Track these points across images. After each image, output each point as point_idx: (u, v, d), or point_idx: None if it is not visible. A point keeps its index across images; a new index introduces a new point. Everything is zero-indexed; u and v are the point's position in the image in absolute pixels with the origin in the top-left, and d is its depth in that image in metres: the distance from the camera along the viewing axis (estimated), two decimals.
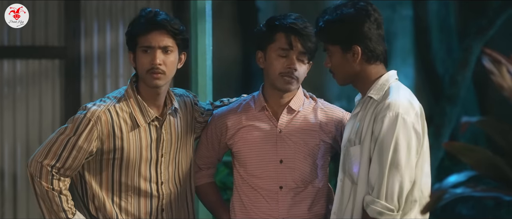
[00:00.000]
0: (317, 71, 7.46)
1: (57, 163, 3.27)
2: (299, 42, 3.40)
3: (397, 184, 2.98)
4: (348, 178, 3.12)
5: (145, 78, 3.32)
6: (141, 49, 3.31)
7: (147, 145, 3.36)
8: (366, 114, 3.10)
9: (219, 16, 6.83)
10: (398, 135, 2.99)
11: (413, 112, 3.05)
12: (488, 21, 7.34)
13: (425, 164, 3.09)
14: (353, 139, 3.12)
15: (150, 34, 3.29)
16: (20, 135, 6.22)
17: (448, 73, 7.65)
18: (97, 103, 3.35)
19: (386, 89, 3.10)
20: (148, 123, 3.36)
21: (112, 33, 6.31)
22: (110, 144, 3.31)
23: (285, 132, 3.45)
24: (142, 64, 3.31)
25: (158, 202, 3.42)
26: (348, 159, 3.13)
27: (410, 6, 7.69)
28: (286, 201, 3.44)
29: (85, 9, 6.26)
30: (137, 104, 3.35)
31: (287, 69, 3.40)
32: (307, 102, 3.54)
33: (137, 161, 3.35)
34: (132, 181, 3.37)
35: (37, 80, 6.21)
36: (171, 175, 3.44)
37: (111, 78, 6.30)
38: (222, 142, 3.53)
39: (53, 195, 3.28)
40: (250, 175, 3.46)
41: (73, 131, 3.28)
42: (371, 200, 3.01)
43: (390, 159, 2.98)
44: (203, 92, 4.58)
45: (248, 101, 3.55)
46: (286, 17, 3.43)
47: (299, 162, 3.44)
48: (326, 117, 3.52)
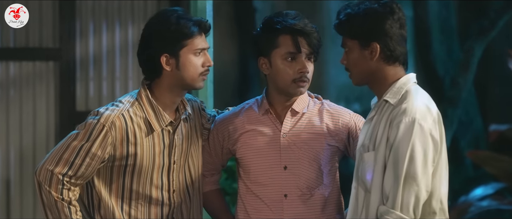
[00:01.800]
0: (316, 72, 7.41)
1: (69, 171, 3.18)
2: (306, 43, 3.26)
3: (413, 194, 2.87)
4: (361, 186, 3.01)
5: (196, 81, 3.29)
6: (193, 52, 3.26)
7: (160, 151, 3.29)
8: (381, 118, 2.99)
9: (216, 17, 6.76)
10: (414, 142, 2.87)
11: (430, 117, 2.93)
12: (489, 22, 7.29)
13: (443, 173, 2.97)
14: (367, 144, 3.02)
15: (202, 36, 3.30)
16: (14, 139, 6.20)
17: (449, 75, 7.61)
18: (110, 108, 3.26)
19: (403, 93, 2.99)
20: (161, 128, 3.28)
21: (108, 34, 6.29)
22: (124, 150, 3.23)
23: (289, 136, 3.33)
24: (195, 67, 3.27)
25: (169, 211, 3.33)
26: (361, 165, 3.03)
27: (411, 7, 7.64)
28: (292, 210, 3.31)
29: (81, 10, 6.26)
30: (152, 109, 3.28)
31: (299, 74, 3.27)
32: (312, 103, 3.41)
33: (150, 168, 3.28)
34: (143, 188, 3.29)
35: (31, 82, 6.22)
36: (182, 183, 3.37)
37: (107, 81, 6.29)
38: (225, 147, 3.42)
39: (62, 206, 3.19)
40: (253, 182, 3.34)
41: (86, 137, 3.19)
42: (385, 210, 2.90)
43: (406, 167, 2.87)
44: (204, 96, 4.48)
45: (251, 105, 3.43)
46: (285, 17, 3.28)
47: (304, 167, 3.32)
48: (332, 119, 3.38)
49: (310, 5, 7.01)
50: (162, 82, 3.29)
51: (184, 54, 3.26)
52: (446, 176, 3.00)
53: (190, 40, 3.25)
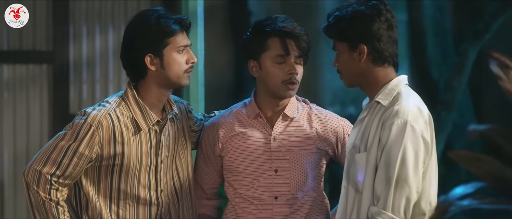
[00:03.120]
0: (311, 76, 7.40)
1: (57, 171, 3.18)
2: (295, 45, 3.29)
3: (404, 195, 2.88)
4: (352, 186, 3.02)
5: (181, 78, 3.29)
6: (176, 50, 3.27)
7: (147, 151, 3.30)
8: (373, 119, 3.00)
9: (210, 20, 6.76)
10: (406, 143, 2.88)
11: (422, 119, 2.95)
12: (484, 25, 7.28)
13: (433, 175, 2.98)
14: (358, 145, 3.02)
15: (183, 33, 3.31)
16: (7, 142, 6.21)
17: (444, 78, 7.60)
18: (97, 108, 3.27)
19: (395, 95, 3.00)
20: (148, 127, 3.29)
21: (102, 37, 6.29)
22: (111, 149, 3.24)
23: (279, 140, 3.34)
24: (179, 65, 3.28)
25: (157, 211, 3.34)
26: (353, 166, 3.03)
27: (405, 10, 7.63)
28: (281, 212, 3.33)
29: (74, 13, 6.24)
30: (138, 108, 3.29)
31: (288, 76, 3.28)
32: (300, 107, 3.43)
33: (137, 167, 3.28)
34: (131, 188, 3.29)
35: (25, 85, 6.22)
36: (169, 183, 3.37)
37: (101, 84, 6.29)
38: (216, 152, 3.41)
39: (50, 206, 3.19)
40: (243, 186, 3.35)
41: (73, 137, 3.20)
42: (377, 211, 2.90)
43: (398, 169, 2.88)
44: (195, 99, 4.48)
45: (239, 109, 3.43)
46: (274, 20, 3.31)
47: (295, 171, 3.34)
48: (321, 123, 3.40)
49: (305, 8, 7.01)
50: (147, 83, 3.30)
51: (168, 52, 3.26)
52: (435, 177, 3.01)
53: (173, 38, 3.27)
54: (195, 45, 4.50)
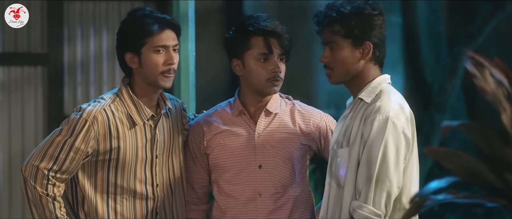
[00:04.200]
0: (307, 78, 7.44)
1: (54, 166, 3.22)
2: (278, 43, 3.33)
3: (385, 189, 2.92)
4: (335, 181, 3.06)
5: (157, 79, 3.27)
6: (153, 49, 3.26)
7: (143, 145, 3.33)
8: (356, 116, 3.04)
9: (206, 24, 6.79)
10: (387, 139, 2.93)
11: (403, 116, 2.99)
12: (477, 28, 7.32)
13: (414, 171, 3.03)
14: (341, 140, 3.06)
15: (164, 33, 3.27)
16: (2, 143, 6.23)
17: (437, 81, 7.63)
18: (92, 104, 3.31)
19: (377, 92, 3.04)
20: (143, 122, 3.32)
21: (96, 39, 6.31)
22: (107, 144, 3.27)
23: (263, 136, 3.39)
24: (155, 65, 3.26)
25: (153, 205, 3.37)
26: (335, 161, 3.07)
27: (399, 14, 7.66)
28: (266, 208, 3.37)
29: (68, 15, 6.25)
30: (133, 103, 3.32)
31: (272, 74, 3.32)
32: (283, 104, 3.47)
33: (133, 162, 3.31)
34: (128, 183, 3.32)
35: (20, 87, 6.24)
36: (165, 178, 3.40)
37: (95, 86, 6.31)
38: (202, 149, 3.45)
39: (47, 201, 3.22)
40: (227, 182, 3.39)
41: (69, 133, 3.24)
42: (358, 205, 2.95)
43: (379, 164, 2.92)
44: (186, 98, 4.53)
45: (223, 107, 3.48)
46: (256, 20, 3.34)
47: (279, 166, 3.38)
48: (304, 119, 3.45)
49: (301, 10, 7.04)
50: (136, 79, 3.34)
51: (145, 51, 3.27)
52: (417, 174, 3.05)
53: (150, 38, 3.25)
54: (186, 46, 4.55)
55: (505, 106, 2.17)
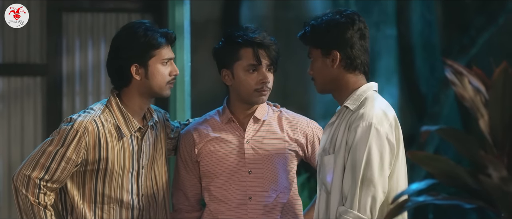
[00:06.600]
0: (303, 89, 7.49)
1: (46, 175, 3.27)
2: (266, 55, 3.41)
3: (370, 194, 2.98)
4: (322, 188, 3.13)
5: (163, 89, 3.42)
6: (161, 61, 3.39)
7: (130, 156, 3.40)
8: (341, 123, 3.10)
9: (202, 35, 6.84)
10: (370, 145, 2.98)
11: (387, 122, 3.04)
12: (470, 40, 7.37)
13: (400, 175, 3.08)
14: (327, 148, 3.13)
15: (168, 47, 3.43)
16: (2, 152, 6.24)
17: (432, 92, 7.67)
18: (82, 114, 3.37)
19: (362, 100, 3.10)
20: (131, 133, 3.39)
21: (94, 50, 6.33)
22: (96, 154, 3.34)
23: (252, 142, 3.47)
24: (163, 76, 3.40)
25: (138, 214, 3.45)
26: (322, 168, 3.14)
27: (394, 26, 7.71)
28: (256, 212, 3.44)
29: (67, 26, 6.27)
30: (121, 115, 3.40)
31: (261, 84, 3.41)
32: (271, 111, 3.55)
33: (120, 172, 3.38)
34: (115, 192, 3.39)
35: (19, 97, 6.24)
36: (149, 188, 3.48)
37: (93, 96, 6.32)
38: (193, 157, 3.52)
39: (38, 210, 3.28)
40: (218, 188, 3.47)
41: (60, 143, 3.29)
42: (344, 210, 3.00)
43: (363, 169, 2.98)
44: (181, 108, 4.60)
45: (213, 116, 3.56)
46: (245, 31, 3.42)
47: (268, 171, 3.45)
48: (291, 125, 3.53)
49: (297, 22, 7.08)
50: (130, 90, 3.41)
51: (153, 64, 3.38)
52: (404, 178, 3.10)
53: (158, 51, 3.38)
54: (182, 57, 4.62)
55: (482, 112, 2.25)
